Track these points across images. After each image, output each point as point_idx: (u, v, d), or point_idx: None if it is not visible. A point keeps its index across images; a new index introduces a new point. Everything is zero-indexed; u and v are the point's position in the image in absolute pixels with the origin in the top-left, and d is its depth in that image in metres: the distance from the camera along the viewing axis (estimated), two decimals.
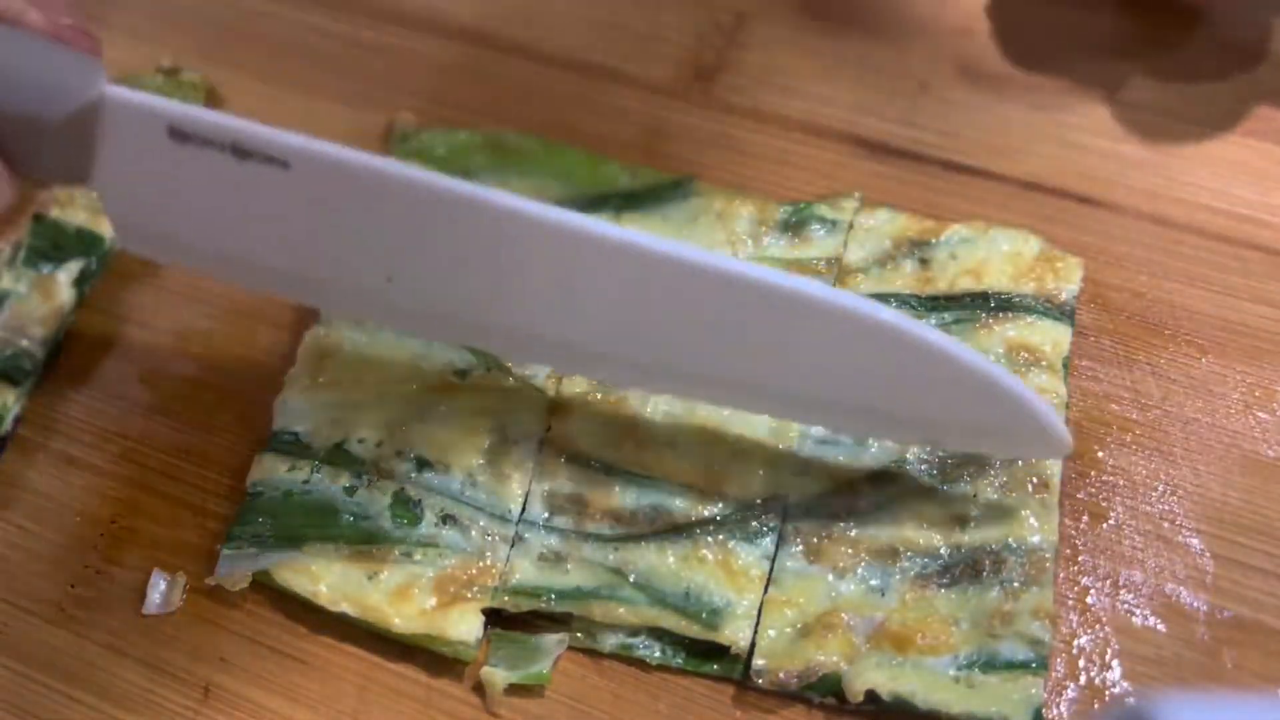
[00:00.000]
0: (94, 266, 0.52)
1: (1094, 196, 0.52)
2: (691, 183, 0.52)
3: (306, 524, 0.44)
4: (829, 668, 0.41)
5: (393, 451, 0.45)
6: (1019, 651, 0.41)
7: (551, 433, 0.46)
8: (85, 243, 0.52)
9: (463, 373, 0.47)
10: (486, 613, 0.43)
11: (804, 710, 0.41)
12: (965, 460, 0.44)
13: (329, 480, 0.45)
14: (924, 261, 0.49)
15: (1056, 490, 0.44)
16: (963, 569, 0.42)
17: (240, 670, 0.43)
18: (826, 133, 0.55)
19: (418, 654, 0.43)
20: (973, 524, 0.43)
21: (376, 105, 0.57)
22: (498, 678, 0.42)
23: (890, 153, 0.54)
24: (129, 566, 0.46)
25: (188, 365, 0.50)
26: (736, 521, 0.44)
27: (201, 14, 0.61)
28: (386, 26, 0.60)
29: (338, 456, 0.46)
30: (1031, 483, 0.44)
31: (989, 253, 0.49)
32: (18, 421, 0.49)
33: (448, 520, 0.44)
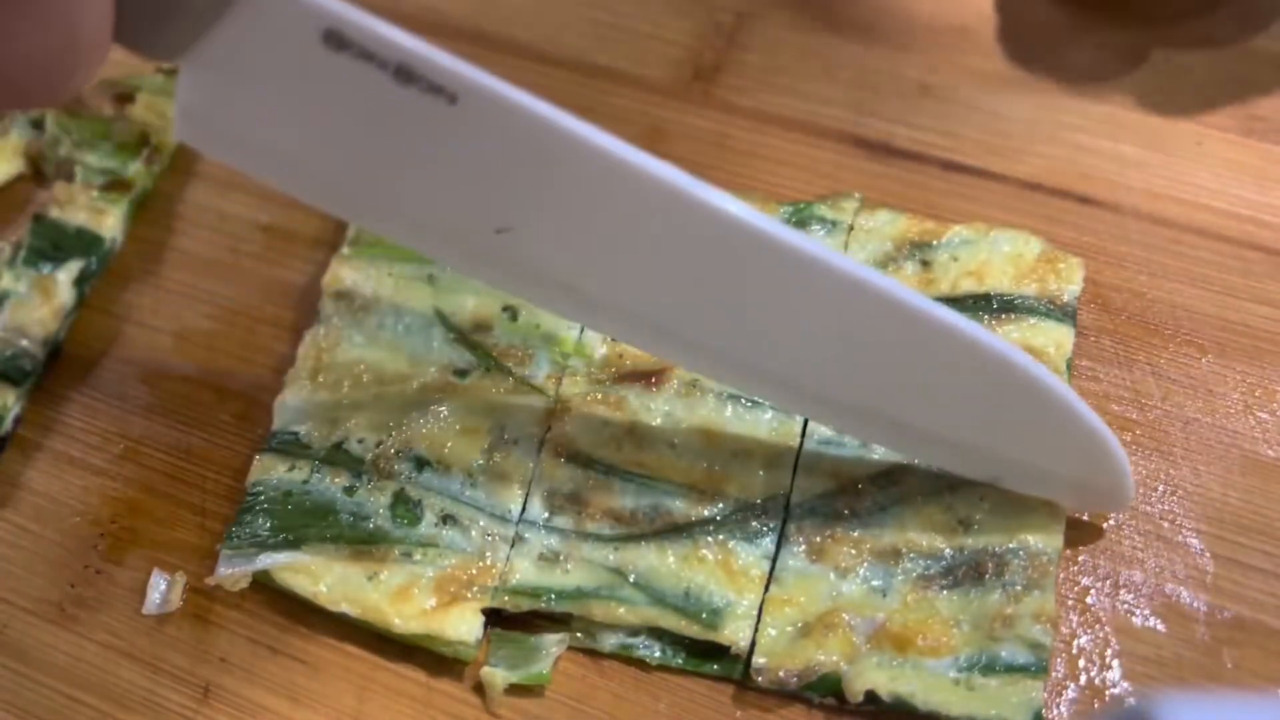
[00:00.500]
0: (94, 266, 0.52)
1: (1094, 196, 0.52)
2: None
3: (306, 524, 0.44)
4: (829, 667, 0.41)
5: (392, 451, 0.45)
6: (1019, 655, 0.41)
7: (551, 433, 0.46)
8: (85, 243, 0.52)
9: (462, 373, 0.47)
10: (486, 613, 0.43)
11: (804, 710, 0.41)
12: None
13: (329, 480, 0.45)
14: (925, 263, 0.49)
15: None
16: (965, 571, 0.42)
17: (240, 670, 0.43)
18: (826, 133, 0.55)
19: (418, 654, 0.43)
20: (976, 526, 0.43)
21: None
22: (498, 678, 0.42)
23: (890, 153, 0.54)
24: (129, 566, 0.46)
25: (188, 365, 0.50)
26: (737, 521, 0.44)
27: None
28: None
29: (337, 456, 0.46)
30: None
31: (990, 254, 0.49)
32: (18, 421, 0.49)
33: (447, 520, 0.44)
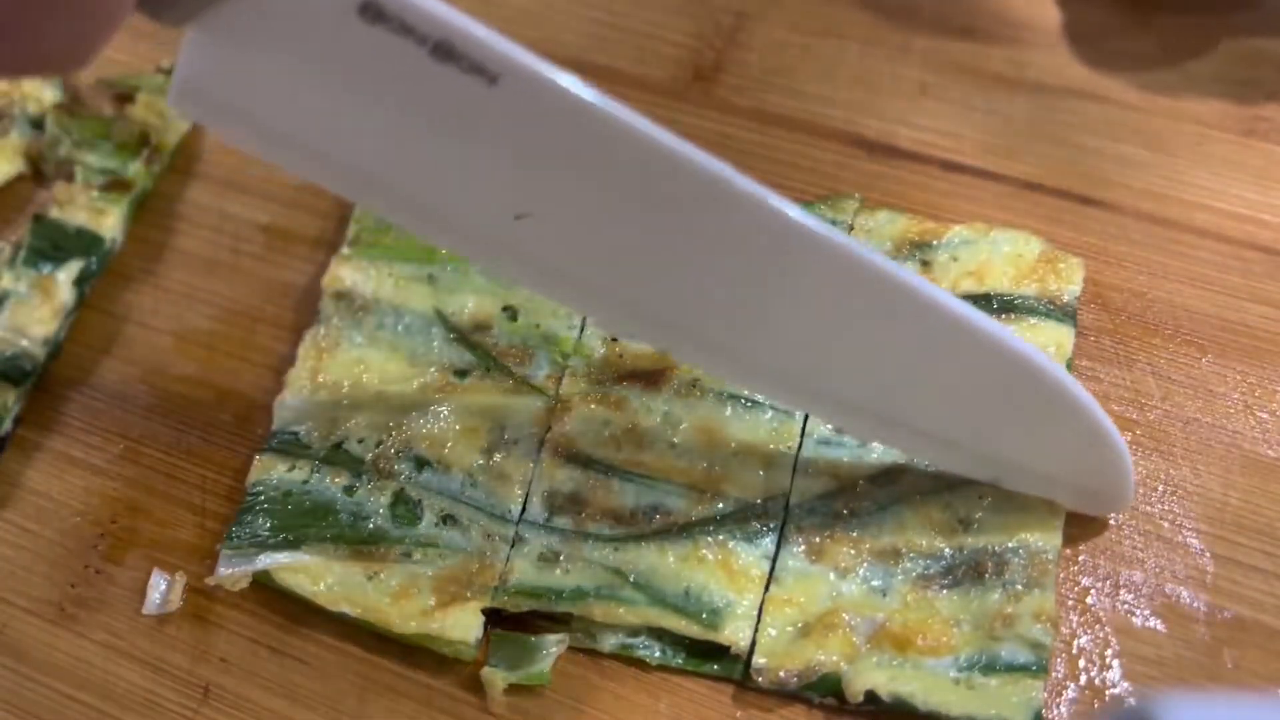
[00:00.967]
0: (94, 266, 0.52)
1: (1094, 196, 0.52)
2: None
3: (306, 524, 0.44)
4: (829, 667, 0.41)
5: (392, 451, 0.45)
6: (1019, 654, 0.41)
7: (551, 433, 0.46)
8: (85, 243, 0.52)
9: (462, 373, 0.47)
10: (486, 613, 0.43)
11: (804, 710, 0.41)
12: None
13: (328, 480, 0.45)
14: (925, 263, 0.49)
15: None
16: (965, 570, 0.42)
17: (240, 670, 0.43)
18: (827, 133, 0.55)
19: (418, 654, 0.43)
20: (976, 525, 0.43)
21: None
22: (498, 678, 0.42)
23: (890, 153, 0.54)
24: (129, 566, 0.46)
25: (188, 365, 0.50)
26: (736, 521, 0.44)
27: None
28: None
29: (337, 456, 0.46)
30: None
31: (990, 254, 0.49)
32: (18, 421, 0.49)
33: (447, 520, 0.44)
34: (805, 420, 0.45)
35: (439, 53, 0.35)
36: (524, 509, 0.45)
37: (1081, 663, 0.42)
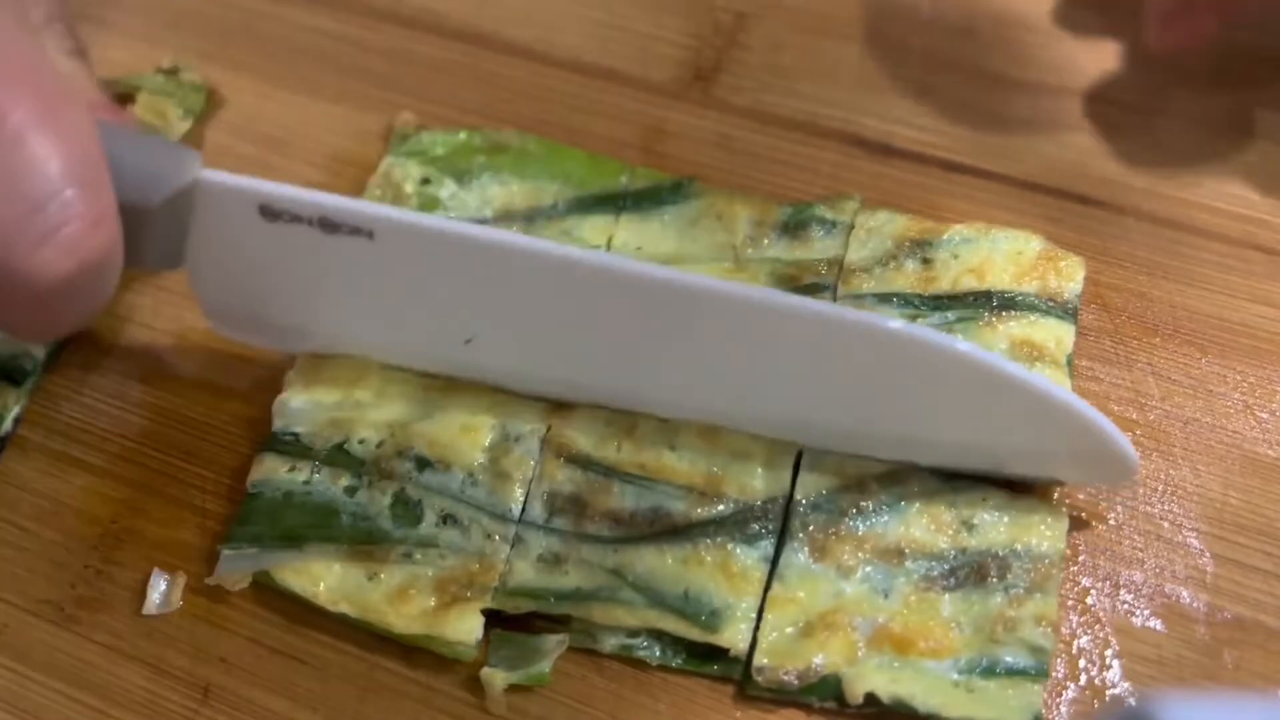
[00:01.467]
0: None
1: (1094, 196, 0.52)
2: (691, 184, 0.52)
3: (307, 524, 0.44)
4: (830, 669, 0.41)
5: (393, 452, 0.45)
6: (1020, 658, 0.41)
7: (551, 433, 0.46)
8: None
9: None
10: (486, 613, 0.43)
11: (804, 715, 0.41)
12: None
13: (329, 481, 0.45)
14: (926, 261, 0.49)
15: (1065, 499, 0.44)
16: (968, 573, 0.42)
17: (240, 670, 0.43)
18: (827, 133, 0.55)
19: (418, 654, 0.43)
20: (980, 528, 0.43)
21: (376, 105, 0.57)
22: (498, 678, 0.42)
23: (890, 153, 0.54)
24: (129, 566, 0.46)
25: (188, 365, 0.50)
26: (736, 524, 0.44)
27: (201, 14, 0.61)
28: (386, 26, 0.60)
29: (338, 457, 0.46)
30: (1039, 486, 0.44)
31: (991, 252, 0.49)
32: (18, 421, 0.49)
33: (448, 520, 0.44)
34: None
35: (325, 226, 0.42)
36: (524, 510, 0.45)
37: (1081, 663, 0.42)
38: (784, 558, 0.43)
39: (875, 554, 0.43)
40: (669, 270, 0.42)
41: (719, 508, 0.44)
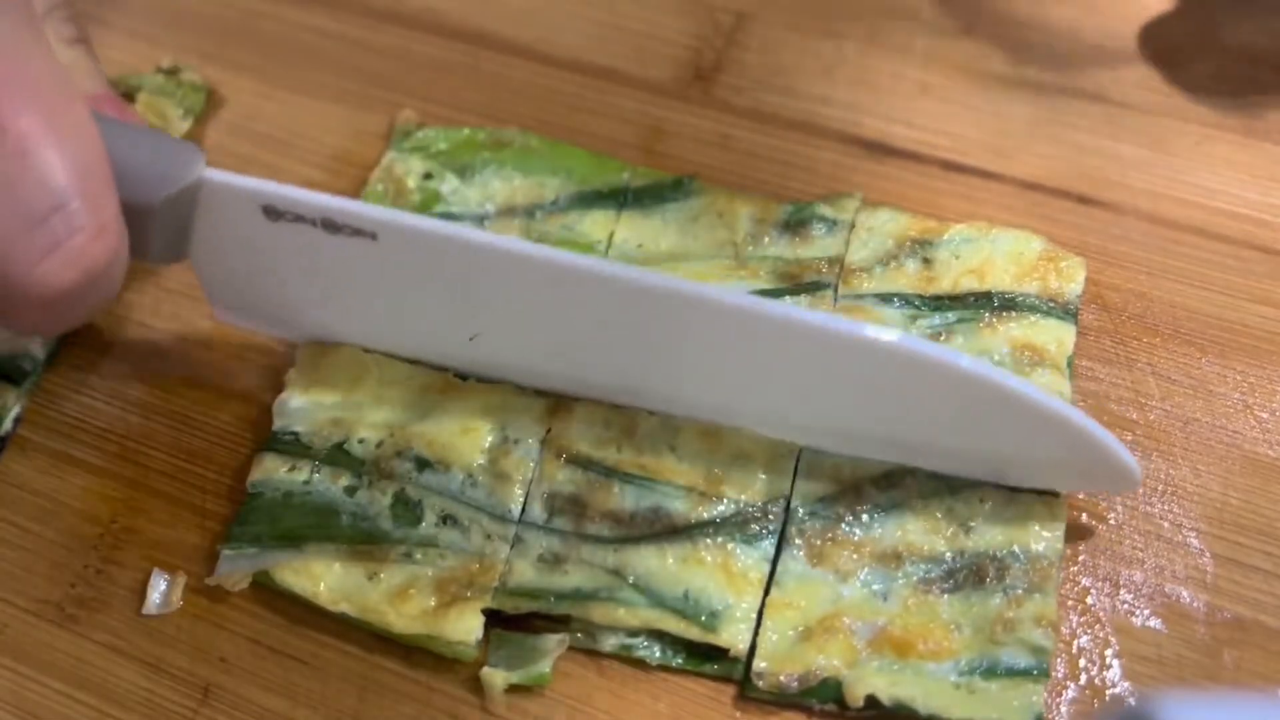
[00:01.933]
0: None
1: (1094, 196, 0.52)
2: (693, 181, 0.52)
3: (307, 524, 0.44)
4: (830, 672, 0.41)
5: (393, 452, 0.45)
6: (1020, 659, 0.41)
7: (551, 434, 0.46)
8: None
9: (463, 374, 0.47)
10: (486, 613, 0.43)
11: (804, 713, 0.41)
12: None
13: (329, 481, 0.45)
14: (927, 261, 0.49)
15: (1064, 498, 0.44)
16: (966, 575, 0.42)
17: (240, 670, 0.43)
18: (827, 133, 0.55)
19: (418, 654, 0.43)
20: (977, 529, 0.43)
21: (376, 105, 0.57)
22: (498, 678, 0.42)
23: (890, 153, 0.54)
24: (129, 566, 0.46)
25: (188, 365, 0.50)
26: (736, 524, 0.44)
27: (201, 14, 0.61)
28: (386, 26, 0.60)
29: (338, 457, 0.46)
30: (1038, 490, 0.44)
31: (991, 252, 0.49)
32: (18, 421, 0.49)
33: (447, 520, 0.44)
34: None
35: (328, 226, 0.43)
36: (524, 510, 0.45)
37: (1082, 663, 0.42)
38: (781, 564, 0.43)
39: (873, 558, 0.43)
40: (665, 277, 0.42)
41: (719, 508, 0.44)
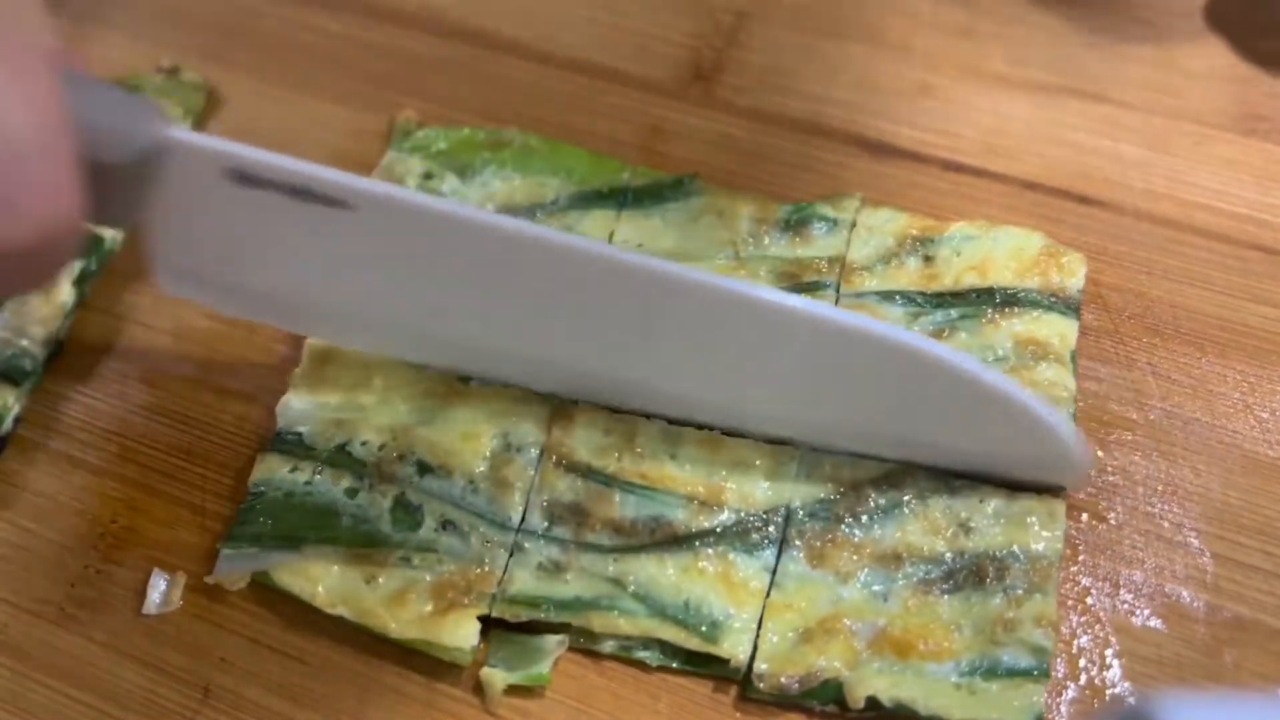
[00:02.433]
0: (94, 266, 0.52)
1: (1094, 196, 0.52)
2: (693, 181, 0.52)
3: (306, 525, 0.44)
4: (830, 673, 0.41)
5: (395, 455, 0.45)
6: (1021, 659, 0.41)
7: (552, 441, 0.46)
8: (85, 243, 0.52)
9: (467, 378, 0.47)
10: (484, 618, 0.43)
11: (805, 714, 0.41)
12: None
13: (331, 482, 0.45)
14: (928, 259, 0.49)
15: (1064, 498, 0.44)
16: (966, 575, 0.42)
17: (240, 670, 0.43)
18: (827, 133, 0.55)
19: (418, 654, 0.43)
20: (977, 530, 0.43)
21: (376, 105, 0.57)
22: (497, 678, 0.42)
23: (890, 153, 0.54)
24: (129, 566, 0.46)
25: (188, 365, 0.50)
26: (737, 533, 0.43)
27: (201, 14, 0.61)
28: (386, 26, 0.60)
29: (340, 459, 0.46)
30: (1038, 490, 0.44)
31: (993, 249, 0.49)
32: (18, 421, 0.49)
33: (447, 526, 0.44)
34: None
35: (298, 194, 0.41)
36: (524, 517, 0.44)
37: (1082, 663, 0.42)
38: (782, 565, 0.43)
39: (873, 559, 0.43)
40: (636, 255, 0.42)
41: (720, 517, 0.44)
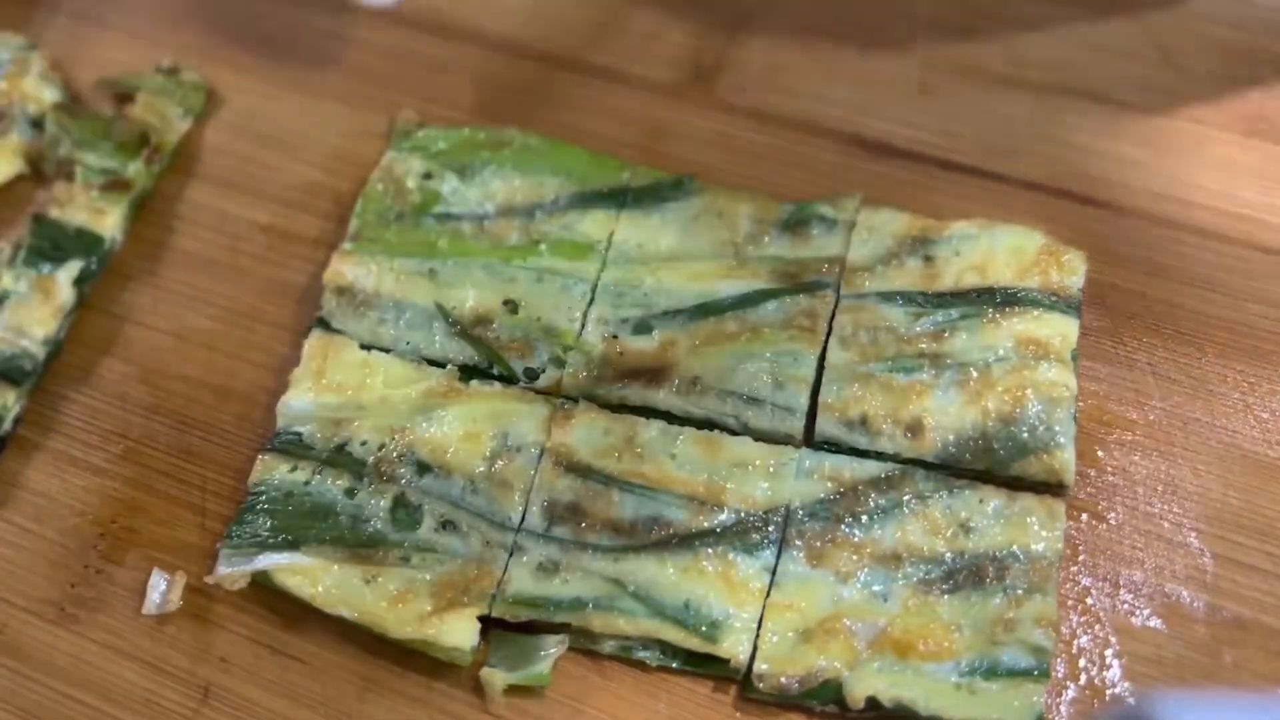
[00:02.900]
0: (94, 266, 0.52)
1: (1094, 196, 0.52)
2: (693, 181, 0.52)
3: (306, 525, 0.44)
4: (830, 673, 0.41)
5: (394, 455, 0.45)
6: (1021, 659, 0.41)
7: (552, 441, 0.46)
8: (85, 243, 0.52)
9: (466, 378, 0.47)
10: (484, 618, 0.43)
11: (805, 714, 0.41)
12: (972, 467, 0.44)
13: (330, 482, 0.45)
14: (928, 259, 0.49)
15: (1064, 498, 0.44)
16: (966, 575, 0.42)
17: (240, 670, 0.43)
18: (827, 133, 0.55)
19: (417, 654, 0.43)
20: (977, 531, 0.43)
21: (376, 105, 0.57)
22: (497, 678, 0.42)
23: (890, 153, 0.54)
24: (129, 566, 0.46)
25: (188, 365, 0.50)
26: (737, 533, 0.43)
27: (201, 14, 0.61)
28: (386, 26, 0.60)
29: (340, 458, 0.46)
30: (1038, 490, 0.44)
31: (993, 248, 0.49)
32: (18, 421, 0.49)
33: (447, 526, 0.44)
34: (807, 423, 0.45)
35: None
36: (523, 518, 0.44)
37: (1081, 663, 0.42)
38: (781, 566, 0.43)
39: (873, 559, 0.43)
40: None
41: (720, 517, 0.44)
